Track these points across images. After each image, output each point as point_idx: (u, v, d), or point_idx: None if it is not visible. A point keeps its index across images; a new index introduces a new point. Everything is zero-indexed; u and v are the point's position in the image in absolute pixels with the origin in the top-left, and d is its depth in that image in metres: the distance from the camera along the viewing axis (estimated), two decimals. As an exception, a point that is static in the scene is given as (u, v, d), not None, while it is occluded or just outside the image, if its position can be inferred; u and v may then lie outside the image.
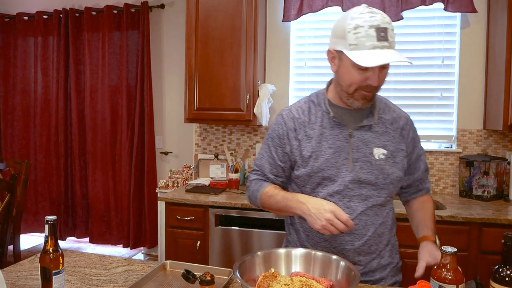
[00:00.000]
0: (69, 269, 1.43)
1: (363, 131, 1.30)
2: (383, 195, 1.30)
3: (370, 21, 1.13)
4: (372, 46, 1.12)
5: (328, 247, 1.31)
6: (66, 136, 4.05)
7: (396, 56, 1.13)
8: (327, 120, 1.32)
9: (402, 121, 1.35)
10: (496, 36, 2.69)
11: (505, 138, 2.85)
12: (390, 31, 1.14)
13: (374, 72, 1.17)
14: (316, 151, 1.30)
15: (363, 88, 1.21)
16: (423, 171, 1.43)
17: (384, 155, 1.28)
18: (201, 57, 2.93)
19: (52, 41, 4.01)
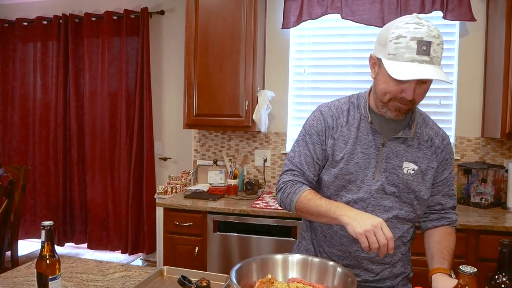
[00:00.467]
0: (66, 275, 1.43)
1: (397, 142, 1.27)
2: (406, 209, 1.28)
3: (413, 33, 1.09)
4: (410, 59, 1.09)
5: (344, 251, 1.31)
6: (65, 142, 4.06)
7: (433, 73, 1.07)
8: (364, 125, 1.29)
9: (438, 139, 1.31)
10: (495, 44, 2.71)
11: (503, 146, 2.86)
12: (436, 46, 1.09)
13: (410, 85, 1.13)
14: (348, 153, 1.28)
15: (397, 100, 1.17)
16: (443, 195, 1.34)
17: (413, 171, 1.26)
18: (200, 64, 2.94)
19: (52, 46, 4.03)
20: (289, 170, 1.35)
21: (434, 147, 1.30)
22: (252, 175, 3.28)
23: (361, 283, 1.33)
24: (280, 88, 3.19)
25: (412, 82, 1.12)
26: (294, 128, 3.21)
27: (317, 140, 1.33)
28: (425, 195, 1.29)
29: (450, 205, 1.36)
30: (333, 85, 3.12)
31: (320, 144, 1.33)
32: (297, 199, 1.27)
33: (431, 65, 1.09)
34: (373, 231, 1.05)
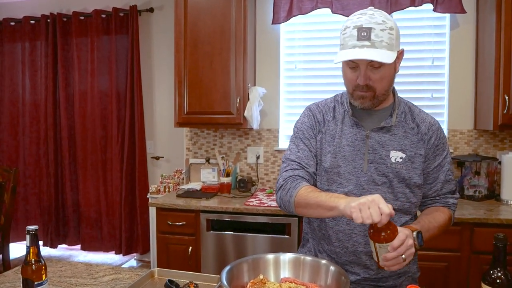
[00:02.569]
0: (54, 279, 1.40)
1: (381, 133, 1.29)
2: (401, 199, 1.28)
3: (355, 22, 1.15)
4: (352, 45, 1.15)
5: (342, 247, 1.31)
6: (56, 143, 4.01)
7: (364, 54, 1.12)
8: (348, 119, 1.33)
9: (425, 126, 1.30)
10: (485, 36, 2.70)
11: (496, 138, 2.86)
12: (379, 31, 1.13)
13: (361, 71, 1.18)
14: (335, 147, 1.31)
15: (358, 88, 1.22)
16: (442, 182, 1.33)
17: (401, 159, 1.26)
18: (190, 61, 2.91)
19: (40, 46, 3.97)
20: (288, 166, 1.34)
21: (420, 134, 1.30)
22: (245, 173, 3.25)
23: (361, 282, 1.31)
24: (272, 84, 3.16)
25: (363, 67, 1.18)
26: (287, 124, 3.19)
27: (311, 134, 1.36)
28: (416, 182, 1.28)
29: (447, 190, 1.34)
30: (325, 80, 3.10)
31: (314, 138, 1.36)
32: (297, 192, 1.24)
33: (373, 48, 1.13)
34: (367, 205, 1.01)
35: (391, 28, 1.16)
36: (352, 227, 1.29)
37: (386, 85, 1.24)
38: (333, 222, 1.31)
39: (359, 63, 1.18)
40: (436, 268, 2.30)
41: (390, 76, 1.24)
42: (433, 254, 2.30)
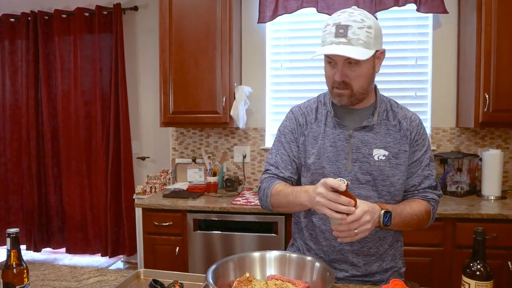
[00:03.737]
0: (37, 283, 1.38)
1: (363, 132, 1.30)
2: (385, 197, 1.29)
3: (335, 19, 1.18)
4: (330, 42, 1.17)
5: (329, 245, 1.32)
6: (38, 144, 3.93)
7: (338, 50, 1.14)
8: (330, 120, 1.34)
9: (406, 122, 1.32)
10: (467, 36, 2.75)
11: (477, 135, 2.91)
12: (356, 29, 1.15)
13: (338, 68, 1.21)
14: (319, 149, 1.32)
15: (335, 85, 1.24)
16: (420, 177, 1.32)
17: (384, 156, 1.28)
18: (175, 60, 2.89)
19: (21, 45, 3.89)
20: (266, 171, 1.41)
21: (402, 130, 1.31)
22: (232, 172, 3.25)
23: (349, 278, 1.33)
24: (258, 84, 3.16)
25: (340, 64, 1.20)
26: (273, 123, 3.20)
27: (292, 138, 1.38)
28: (399, 180, 1.29)
29: (425, 185, 1.33)
30: (311, 79, 3.12)
31: (295, 141, 1.37)
32: (270, 192, 1.31)
33: (348, 45, 1.15)
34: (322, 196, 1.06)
35: (369, 26, 1.17)
36: None
37: (364, 83, 1.25)
38: (320, 222, 1.33)
39: (336, 60, 1.20)
40: (420, 263, 2.34)
41: (367, 74, 1.24)
42: (417, 249, 2.34)
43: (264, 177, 1.39)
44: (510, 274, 2.25)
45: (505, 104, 2.51)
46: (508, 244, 2.25)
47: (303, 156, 1.35)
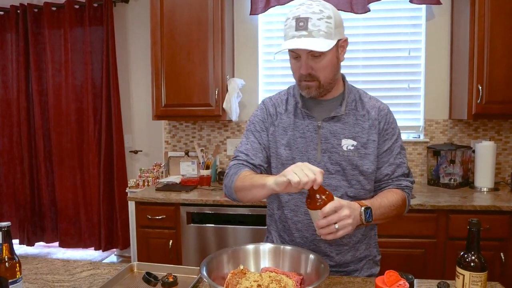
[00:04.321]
0: (30, 277, 1.36)
1: (332, 122, 1.30)
2: (355, 186, 1.29)
3: (294, 13, 1.18)
4: (291, 36, 1.17)
5: (302, 237, 1.33)
6: (30, 139, 3.90)
7: (299, 44, 1.15)
8: (299, 111, 1.34)
9: (375, 111, 1.33)
10: (460, 27, 2.75)
11: (470, 127, 2.93)
12: (316, 20, 1.15)
13: (302, 61, 1.21)
14: (289, 140, 1.32)
15: (302, 78, 1.25)
16: (393, 166, 1.32)
17: (353, 146, 1.28)
18: (167, 53, 2.86)
19: (10, 39, 3.83)
20: (235, 158, 1.38)
21: (371, 119, 1.32)
22: (225, 165, 3.24)
23: None
24: (250, 76, 3.14)
25: (304, 57, 1.20)
26: (266, 116, 3.18)
27: (262, 127, 1.38)
28: (369, 169, 1.29)
29: (398, 173, 1.33)
30: (304, 72, 3.11)
31: (265, 130, 1.38)
32: (237, 177, 1.27)
33: (310, 38, 1.15)
34: (300, 167, 1.04)
35: (329, 17, 1.17)
36: (309, 217, 1.30)
37: (330, 73, 1.25)
38: (292, 213, 1.33)
39: (300, 53, 1.20)
40: (413, 254, 2.35)
41: (332, 64, 1.24)
42: (410, 241, 2.35)
43: (232, 163, 1.36)
44: (502, 265, 2.28)
45: (498, 96, 2.51)
46: (501, 235, 2.27)
47: (274, 146, 1.35)
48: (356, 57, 3.04)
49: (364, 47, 3.03)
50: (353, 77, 3.04)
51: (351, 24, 3.02)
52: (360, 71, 3.03)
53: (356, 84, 3.21)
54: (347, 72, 3.02)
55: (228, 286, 1.03)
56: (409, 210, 2.34)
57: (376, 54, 3.02)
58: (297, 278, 1.07)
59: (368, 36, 3.02)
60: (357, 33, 3.03)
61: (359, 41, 3.03)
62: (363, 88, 3.07)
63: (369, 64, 3.02)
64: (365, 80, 3.03)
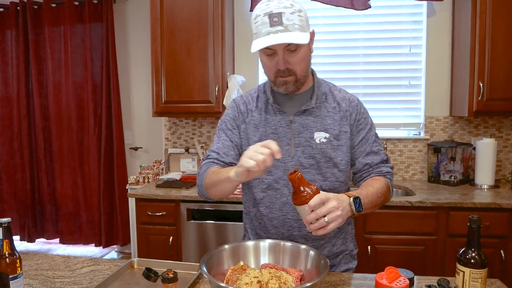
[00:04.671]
0: (30, 273, 1.37)
1: (304, 116, 1.31)
2: (329, 179, 1.30)
3: (264, 9, 1.16)
4: (266, 32, 1.15)
5: (278, 233, 1.33)
6: (30, 135, 3.89)
7: (278, 39, 1.13)
8: (271, 107, 1.34)
9: (345, 103, 1.33)
10: (461, 24, 2.74)
11: (470, 124, 2.92)
12: (289, 15, 1.14)
13: (279, 57, 1.19)
14: (260, 136, 1.32)
15: (279, 74, 1.23)
16: (370, 154, 1.33)
17: (326, 139, 1.29)
18: (167, 49, 2.85)
19: (10, 35, 3.82)
20: (207, 157, 1.39)
21: (342, 111, 1.32)
22: (225, 162, 3.23)
23: None
24: (251, 73, 3.14)
25: (280, 52, 1.18)
26: (267, 113, 3.17)
27: (234, 125, 1.39)
28: (342, 160, 1.30)
29: (377, 161, 1.34)
30: (304, 68, 3.10)
31: (237, 128, 1.38)
32: (205, 176, 1.29)
33: (286, 32, 1.14)
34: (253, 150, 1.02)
35: (299, 10, 1.17)
36: (285, 213, 1.31)
37: (305, 66, 1.25)
38: (267, 210, 1.34)
39: (276, 49, 1.18)
40: (413, 251, 2.36)
41: (307, 57, 1.24)
42: (410, 238, 2.35)
43: (204, 162, 1.38)
44: (502, 262, 2.28)
45: (499, 93, 2.51)
46: (501, 232, 2.28)
47: (246, 143, 1.35)
48: (356, 53, 3.03)
49: (365, 43, 3.02)
50: (354, 74, 3.03)
51: (351, 21, 3.01)
52: (361, 68, 3.02)
53: (357, 81, 3.21)
54: (348, 69, 3.04)
55: (228, 282, 1.03)
56: (409, 206, 2.36)
57: (376, 51, 3.01)
58: (297, 274, 1.07)
59: (368, 33, 3.01)
60: (358, 30, 3.02)
61: (359, 37, 3.02)
62: (364, 85, 3.07)
63: (370, 61, 3.02)
64: (365, 77, 3.02)
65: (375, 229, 2.38)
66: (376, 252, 2.39)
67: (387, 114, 3.03)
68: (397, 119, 3.02)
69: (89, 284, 1.26)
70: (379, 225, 2.38)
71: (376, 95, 3.03)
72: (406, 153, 2.99)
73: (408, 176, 3.01)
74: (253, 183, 1.34)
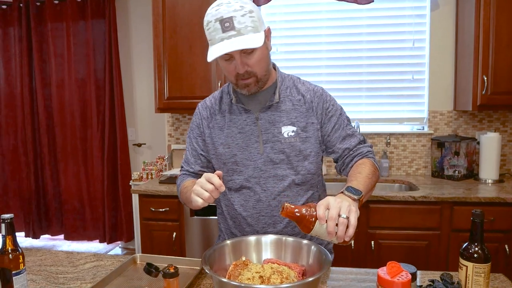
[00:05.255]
0: (34, 268, 1.37)
1: (269, 112, 1.30)
2: (301, 172, 1.29)
3: (215, 15, 1.13)
4: (220, 39, 1.13)
5: (253, 231, 1.33)
6: (34, 132, 3.92)
7: (234, 46, 1.11)
8: (235, 107, 1.33)
9: (310, 94, 1.32)
10: (465, 17, 2.71)
11: (475, 118, 2.90)
12: (240, 18, 1.12)
13: (236, 61, 1.18)
14: (227, 138, 1.33)
15: (239, 77, 1.22)
16: (347, 138, 1.32)
17: (293, 132, 1.28)
18: (170, 45, 2.85)
19: (13, 32, 3.84)
20: (181, 168, 1.46)
21: (307, 103, 1.31)
22: (228, 158, 3.23)
23: None
24: (254, 68, 3.12)
25: (237, 56, 1.17)
26: (269, 108, 3.17)
27: (198, 133, 1.40)
28: (312, 152, 1.30)
29: (355, 142, 1.32)
30: (307, 63, 3.09)
31: (201, 135, 1.39)
32: (179, 191, 1.36)
33: (239, 36, 1.12)
34: (199, 185, 1.07)
35: (250, 11, 1.14)
36: (258, 210, 1.31)
37: (264, 65, 1.24)
38: (241, 208, 1.34)
39: (232, 53, 1.16)
40: (417, 246, 2.35)
41: (265, 56, 1.23)
42: (413, 233, 2.35)
43: (179, 174, 1.44)
44: (506, 257, 2.27)
45: (504, 86, 2.49)
46: (505, 227, 2.26)
47: (212, 148, 1.36)
48: (360, 48, 3.01)
49: (368, 38, 3.00)
50: (357, 69, 3.01)
51: (354, 15, 2.99)
52: (364, 62, 3.01)
53: (360, 76, 3.19)
54: (351, 63, 3.02)
55: (230, 277, 1.03)
56: (412, 201, 2.35)
57: (380, 45, 2.99)
58: (299, 269, 1.07)
59: (371, 27, 2.99)
60: (361, 24, 3.00)
61: (362, 32, 3.00)
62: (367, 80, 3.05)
63: (373, 55, 3.00)
64: (369, 72, 3.00)
65: (379, 224, 2.38)
66: (380, 247, 2.39)
67: (390, 108, 3.01)
68: (400, 113, 3.01)
69: (92, 279, 1.27)
70: (383, 220, 2.37)
71: (379, 90, 3.01)
72: (410, 148, 2.97)
73: (411, 171, 2.99)
74: (226, 184, 1.34)
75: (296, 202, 1.30)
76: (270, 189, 1.29)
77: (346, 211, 0.95)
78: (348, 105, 3.04)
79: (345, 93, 3.05)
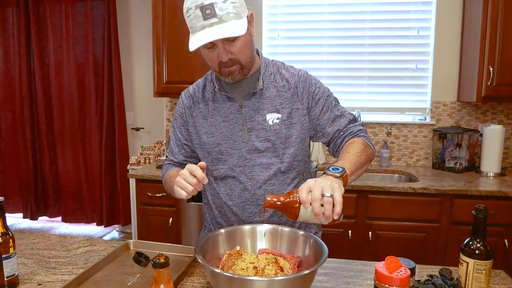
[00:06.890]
0: (26, 252, 1.35)
1: (253, 99, 1.26)
2: (287, 160, 1.26)
3: (195, 1, 1.08)
4: (201, 27, 1.08)
5: (238, 221, 1.31)
6: (32, 114, 3.88)
7: (217, 34, 1.06)
8: (219, 95, 1.29)
9: (294, 79, 1.28)
10: (472, 5, 2.64)
11: (478, 110, 2.86)
12: (221, 4, 1.07)
13: (219, 49, 1.13)
14: (210, 126, 1.30)
15: (223, 65, 1.17)
16: (337, 118, 1.28)
17: (278, 119, 1.25)
18: (169, 28, 2.79)
19: (11, 13, 3.77)
20: (166, 158, 1.45)
21: (292, 88, 1.28)
22: (227, 144, 3.20)
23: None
24: (255, 54, 3.07)
25: (220, 44, 1.12)
26: (270, 95, 3.12)
27: (181, 122, 1.38)
28: (297, 138, 1.27)
29: (345, 122, 1.29)
30: (308, 49, 3.04)
31: (185, 125, 1.37)
32: (164, 181, 1.35)
33: (222, 24, 1.08)
34: (182, 178, 1.07)
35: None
36: (244, 199, 1.28)
37: (248, 52, 1.19)
38: (227, 197, 1.31)
39: (215, 42, 1.12)
40: (415, 238, 2.33)
41: (248, 42, 1.18)
42: (412, 225, 2.33)
43: (164, 164, 1.43)
44: (506, 252, 2.25)
45: (510, 78, 2.44)
46: (506, 221, 2.24)
47: (196, 137, 1.33)
48: (362, 35, 2.95)
49: (372, 25, 2.93)
50: (359, 56, 2.96)
51: (358, 1, 2.92)
52: (367, 50, 2.95)
53: (362, 64, 3.13)
54: (353, 51, 2.96)
55: (223, 267, 1.00)
56: (412, 193, 2.32)
57: (383, 32, 2.93)
58: (294, 260, 1.04)
59: (375, 14, 2.92)
60: (365, 11, 2.93)
61: (366, 19, 2.94)
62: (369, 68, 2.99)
63: (376, 43, 2.94)
64: (371, 60, 2.95)
65: (377, 214, 2.36)
66: (377, 238, 2.37)
67: (392, 98, 2.97)
68: (402, 103, 2.96)
69: (84, 264, 1.25)
70: (381, 211, 2.35)
71: (382, 78, 2.96)
72: (411, 138, 2.94)
73: (412, 162, 2.96)
74: (211, 173, 1.33)
75: (283, 191, 1.27)
76: (255, 177, 1.26)
77: (329, 189, 0.93)
78: (349, 94, 2.99)
79: (346, 81, 3.00)
